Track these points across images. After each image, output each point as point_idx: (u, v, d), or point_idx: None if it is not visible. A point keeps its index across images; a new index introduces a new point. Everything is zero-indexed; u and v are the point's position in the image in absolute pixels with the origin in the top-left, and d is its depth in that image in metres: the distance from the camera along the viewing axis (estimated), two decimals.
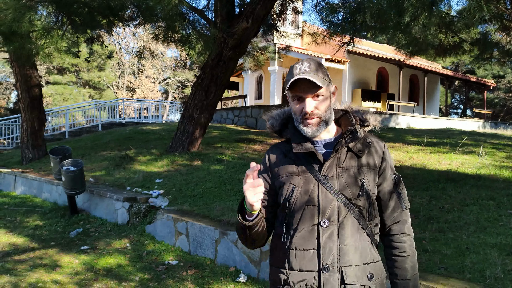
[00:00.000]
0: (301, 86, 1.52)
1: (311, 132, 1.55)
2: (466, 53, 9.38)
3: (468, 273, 3.17)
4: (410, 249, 1.60)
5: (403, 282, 1.58)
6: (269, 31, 11.50)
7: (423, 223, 4.43)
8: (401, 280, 1.59)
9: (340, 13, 6.75)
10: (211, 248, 4.77)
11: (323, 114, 1.54)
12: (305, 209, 1.52)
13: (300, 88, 1.52)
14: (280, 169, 1.61)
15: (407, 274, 1.58)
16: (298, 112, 1.55)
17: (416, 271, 1.60)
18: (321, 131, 1.56)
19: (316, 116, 1.53)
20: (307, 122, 1.54)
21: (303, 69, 1.51)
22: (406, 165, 6.95)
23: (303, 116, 1.54)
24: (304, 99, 1.53)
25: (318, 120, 1.54)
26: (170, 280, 4.20)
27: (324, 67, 1.57)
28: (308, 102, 1.52)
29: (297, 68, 1.52)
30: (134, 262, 4.76)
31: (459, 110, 37.24)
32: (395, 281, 1.60)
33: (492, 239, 3.86)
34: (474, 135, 11.33)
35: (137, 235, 5.66)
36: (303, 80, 1.50)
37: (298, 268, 1.50)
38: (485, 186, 5.45)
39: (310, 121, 1.54)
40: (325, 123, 1.56)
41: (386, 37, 14.34)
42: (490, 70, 31.07)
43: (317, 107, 1.53)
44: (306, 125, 1.54)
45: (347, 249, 1.49)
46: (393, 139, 9.88)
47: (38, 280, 4.22)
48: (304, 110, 1.53)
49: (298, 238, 1.52)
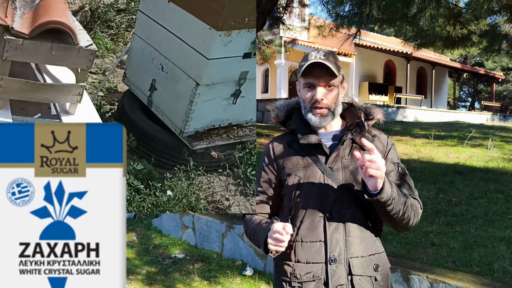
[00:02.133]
0: (315, 72, 1.51)
1: (318, 121, 1.53)
2: (474, 45, 9.28)
3: (476, 266, 3.15)
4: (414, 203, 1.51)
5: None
6: (276, 24, 11.44)
7: (430, 216, 4.41)
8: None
9: (347, 5, 6.70)
10: (217, 241, 4.78)
11: (332, 105, 1.53)
12: (311, 201, 1.51)
13: (314, 75, 1.51)
14: (285, 160, 1.60)
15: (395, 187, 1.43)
16: (308, 99, 1.54)
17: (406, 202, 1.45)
18: (328, 122, 1.55)
19: (325, 106, 1.52)
20: (316, 111, 1.53)
21: (319, 57, 1.50)
22: (413, 159, 6.91)
23: (312, 104, 1.53)
24: (315, 87, 1.52)
25: (326, 110, 1.53)
26: (177, 273, 4.21)
27: (338, 59, 1.56)
28: (319, 90, 1.51)
29: (313, 55, 1.51)
30: (141, 255, 4.79)
31: (467, 103, 36.93)
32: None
33: (500, 232, 3.83)
34: (482, 128, 11.24)
35: (144, 229, 5.69)
36: (318, 66, 1.49)
37: (305, 260, 1.49)
38: (494, 179, 5.40)
39: (319, 110, 1.52)
40: (333, 114, 1.55)
41: (394, 29, 14.24)
42: (499, 62, 30.73)
43: (327, 97, 1.52)
44: (315, 113, 1.53)
45: (353, 241, 1.49)
46: (401, 132, 9.82)
47: None
48: (314, 98, 1.51)
49: (304, 230, 1.51)
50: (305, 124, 1.58)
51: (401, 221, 1.47)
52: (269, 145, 1.67)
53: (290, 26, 12.39)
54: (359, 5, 6.19)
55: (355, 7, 6.42)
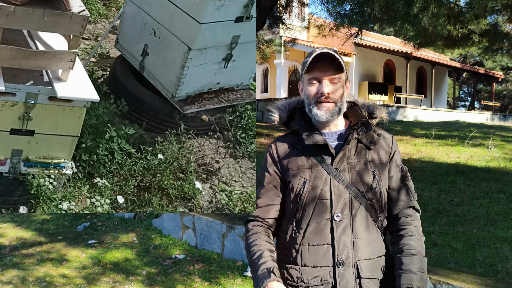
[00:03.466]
0: (321, 66, 1.48)
1: (325, 116, 1.49)
2: (475, 44, 9.25)
3: (479, 267, 3.13)
4: (417, 231, 1.51)
5: (408, 257, 1.44)
6: (275, 23, 11.42)
7: (432, 217, 4.38)
8: (406, 256, 1.44)
9: (347, 4, 6.67)
10: (218, 242, 4.75)
11: (338, 100, 1.50)
12: (317, 203, 1.48)
13: (319, 68, 1.48)
14: (290, 162, 1.55)
15: (412, 249, 1.45)
16: (313, 94, 1.50)
17: (423, 252, 1.47)
18: (334, 117, 1.52)
19: (331, 100, 1.49)
20: (321, 105, 1.49)
21: (325, 50, 1.48)
22: (414, 158, 6.88)
23: (318, 98, 1.49)
24: (321, 81, 1.49)
25: (333, 104, 1.49)
26: (177, 274, 4.19)
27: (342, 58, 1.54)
28: (325, 83, 1.48)
29: (317, 50, 1.49)
30: (141, 256, 4.75)
31: (467, 103, 36.91)
32: (399, 256, 1.46)
33: (503, 232, 3.80)
34: (482, 128, 11.22)
35: (144, 229, 5.66)
36: (324, 60, 1.46)
37: (312, 264, 1.46)
38: (495, 179, 5.38)
39: (325, 104, 1.49)
40: (339, 110, 1.51)
41: (394, 29, 14.21)
42: (499, 62, 30.71)
43: (334, 91, 1.49)
44: (320, 108, 1.49)
45: (361, 243, 1.45)
46: (401, 132, 9.80)
47: (45, 274, 4.23)
48: (321, 91, 1.48)
49: (311, 233, 1.47)
50: (308, 125, 1.55)
51: None
52: (272, 145, 1.62)
53: (290, 26, 12.36)
54: (360, 4, 6.16)
55: (356, 6, 6.39)
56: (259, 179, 1.63)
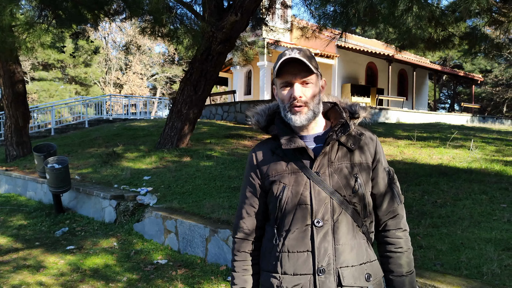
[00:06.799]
0: (290, 70, 1.43)
1: (299, 120, 1.45)
2: (455, 47, 9.37)
3: (464, 269, 3.11)
4: (406, 244, 1.53)
5: (399, 278, 1.51)
6: (258, 25, 11.37)
7: (416, 218, 4.37)
8: (397, 276, 1.51)
9: (330, 6, 6.66)
10: (201, 246, 4.66)
11: (311, 103, 1.46)
12: (297, 209, 1.43)
13: (289, 72, 1.44)
14: (269, 168, 1.51)
15: (403, 270, 1.51)
16: (286, 99, 1.46)
17: (412, 267, 1.53)
18: (309, 121, 1.47)
19: (304, 104, 1.44)
20: (295, 110, 1.45)
21: (293, 54, 1.42)
22: (397, 160, 6.90)
23: (291, 102, 1.45)
24: (293, 85, 1.44)
25: (306, 108, 1.45)
26: (159, 280, 4.08)
27: (314, 58, 1.48)
28: (296, 87, 1.44)
29: (286, 54, 1.43)
30: (122, 262, 4.63)
31: (447, 105, 37.52)
32: (391, 277, 1.52)
33: (486, 234, 3.80)
34: (463, 129, 11.36)
35: (125, 234, 5.52)
36: (292, 63, 1.42)
37: (292, 272, 1.41)
38: (477, 180, 5.41)
39: (298, 108, 1.45)
40: (313, 112, 1.47)
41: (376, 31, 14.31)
42: (478, 64, 31.30)
43: (305, 93, 1.45)
44: (294, 112, 1.45)
45: (343, 249, 1.40)
46: (384, 134, 9.85)
47: (21, 282, 4.07)
48: (292, 95, 1.44)
49: (291, 240, 1.43)
50: (288, 128, 1.51)
51: None
52: (252, 153, 1.58)
53: (273, 28, 12.33)
54: (344, 5, 6.15)
55: (339, 7, 6.38)
56: (242, 188, 1.60)
